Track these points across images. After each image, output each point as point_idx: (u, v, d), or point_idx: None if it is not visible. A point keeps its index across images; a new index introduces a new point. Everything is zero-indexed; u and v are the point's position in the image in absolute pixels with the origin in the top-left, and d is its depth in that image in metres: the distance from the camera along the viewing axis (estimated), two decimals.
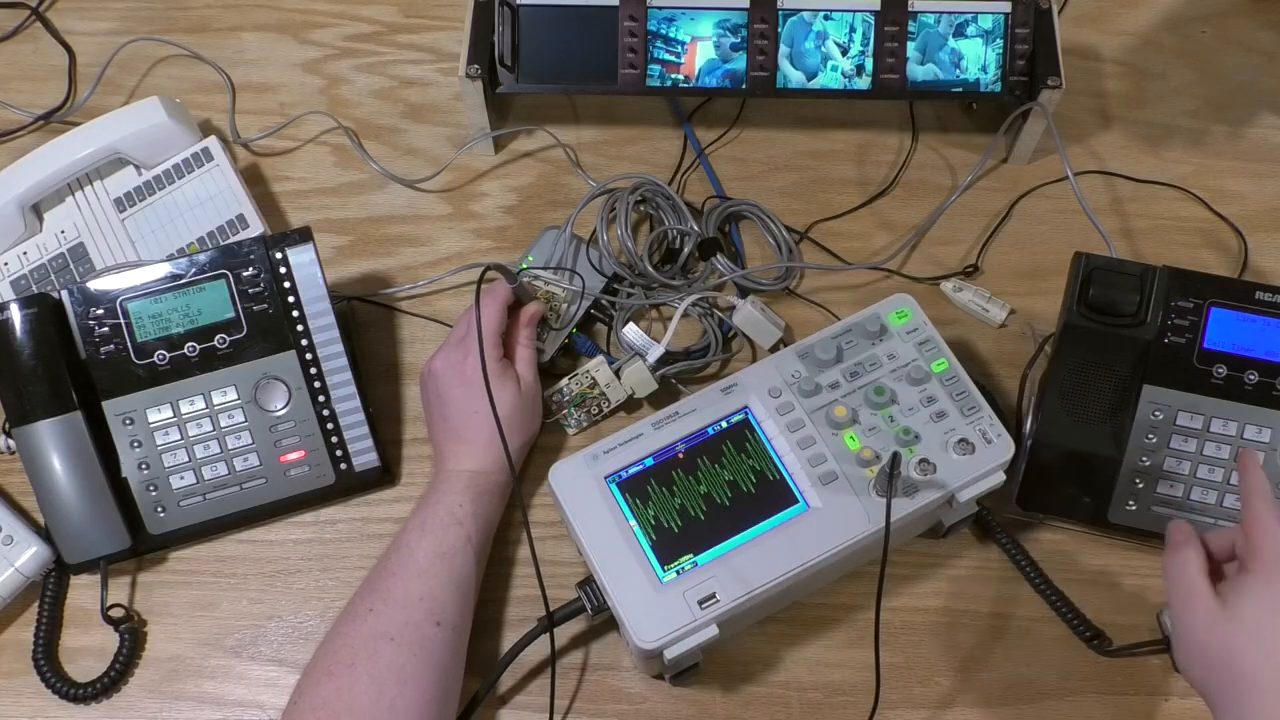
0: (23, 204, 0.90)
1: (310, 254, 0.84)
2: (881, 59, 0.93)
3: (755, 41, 0.92)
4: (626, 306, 0.92)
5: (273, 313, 0.83)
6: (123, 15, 1.08)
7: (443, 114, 1.03)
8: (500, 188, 0.99)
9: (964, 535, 0.85)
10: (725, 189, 0.99)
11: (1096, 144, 1.02)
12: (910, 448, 0.76)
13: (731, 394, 0.78)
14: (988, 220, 0.98)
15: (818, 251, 0.97)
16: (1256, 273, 0.96)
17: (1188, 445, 0.81)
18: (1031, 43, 0.93)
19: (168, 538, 0.83)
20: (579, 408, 0.88)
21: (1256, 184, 1.00)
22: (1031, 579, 0.81)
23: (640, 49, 0.92)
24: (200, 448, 0.82)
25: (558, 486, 0.75)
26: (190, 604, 0.84)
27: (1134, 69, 1.06)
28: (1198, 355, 0.82)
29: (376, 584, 0.76)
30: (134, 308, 0.82)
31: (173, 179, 0.93)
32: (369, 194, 0.99)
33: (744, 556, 0.73)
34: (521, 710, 0.80)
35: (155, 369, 0.82)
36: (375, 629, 0.73)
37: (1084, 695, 0.80)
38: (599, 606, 0.74)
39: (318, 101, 1.03)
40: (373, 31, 1.07)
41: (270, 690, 0.81)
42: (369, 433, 0.84)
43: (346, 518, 0.87)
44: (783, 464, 0.76)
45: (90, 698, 0.79)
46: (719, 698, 0.80)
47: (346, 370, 0.84)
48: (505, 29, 0.92)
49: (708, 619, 0.70)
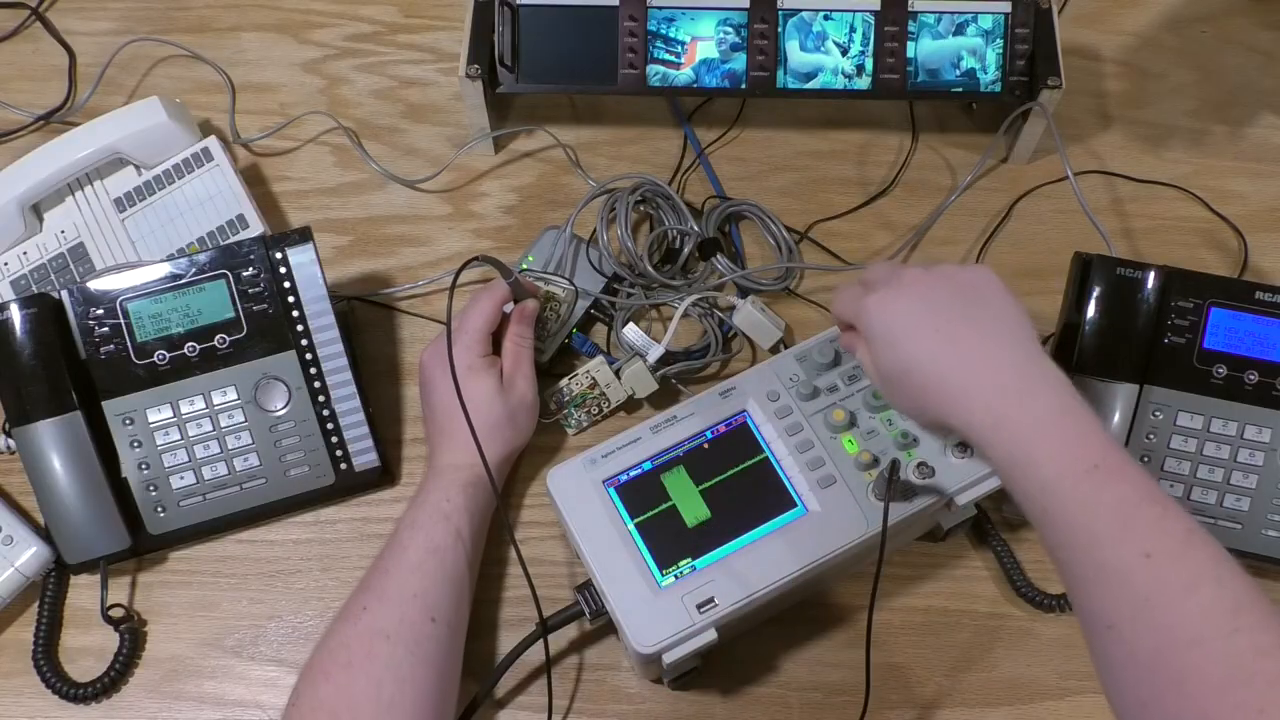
0: (23, 204, 0.90)
1: (310, 254, 0.84)
2: (881, 59, 0.93)
3: (755, 41, 0.92)
4: (626, 306, 0.92)
5: (273, 313, 0.83)
6: (123, 15, 1.08)
7: (443, 114, 1.03)
8: (500, 188, 0.99)
9: (964, 536, 0.85)
10: (725, 189, 0.99)
11: (1096, 144, 1.02)
12: (909, 451, 0.76)
13: (730, 397, 0.78)
14: (988, 220, 0.98)
15: (818, 251, 0.97)
16: (1256, 273, 0.96)
17: (1188, 445, 0.81)
18: (1031, 43, 0.93)
19: (168, 538, 0.83)
20: (579, 408, 0.88)
21: (1256, 184, 1.00)
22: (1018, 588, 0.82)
23: (640, 49, 0.92)
24: (200, 448, 0.82)
25: (555, 491, 0.75)
26: (190, 604, 0.84)
27: (1134, 69, 1.06)
28: (1198, 355, 0.82)
29: (370, 582, 0.76)
30: (134, 308, 0.82)
31: (173, 179, 0.93)
32: (369, 194, 0.99)
33: (743, 560, 0.73)
34: (521, 710, 0.80)
35: (155, 369, 0.82)
36: (371, 627, 0.73)
37: (1084, 695, 0.80)
38: (597, 611, 0.74)
39: (318, 101, 1.03)
40: (373, 31, 1.07)
41: (270, 690, 0.81)
42: (369, 433, 0.84)
43: (346, 518, 0.87)
44: (781, 467, 0.76)
45: (90, 698, 0.80)
46: (719, 697, 0.80)
47: (346, 370, 0.84)
48: (505, 29, 0.92)
49: (706, 623, 0.70)
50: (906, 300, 0.68)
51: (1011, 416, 0.63)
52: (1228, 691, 0.53)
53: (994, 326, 0.67)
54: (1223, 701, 0.52)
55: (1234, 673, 0.53)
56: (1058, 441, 0.62)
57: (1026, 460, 0.62)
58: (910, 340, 0.68)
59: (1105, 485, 0.60)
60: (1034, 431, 0.62)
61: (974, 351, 0.66)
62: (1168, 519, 0.58)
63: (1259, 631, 0.54)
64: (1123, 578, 0.57)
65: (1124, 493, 0.59)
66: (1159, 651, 0.55)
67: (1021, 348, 0.66)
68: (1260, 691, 0.52)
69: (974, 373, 0.65)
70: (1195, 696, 0.53)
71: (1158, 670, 0.55)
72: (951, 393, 0.66)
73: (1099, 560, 0.58)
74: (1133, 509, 0.58)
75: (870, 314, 0.69)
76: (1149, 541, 0.57)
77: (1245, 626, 0.54)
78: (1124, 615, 0.57)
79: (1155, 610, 0.56)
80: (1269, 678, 0.52)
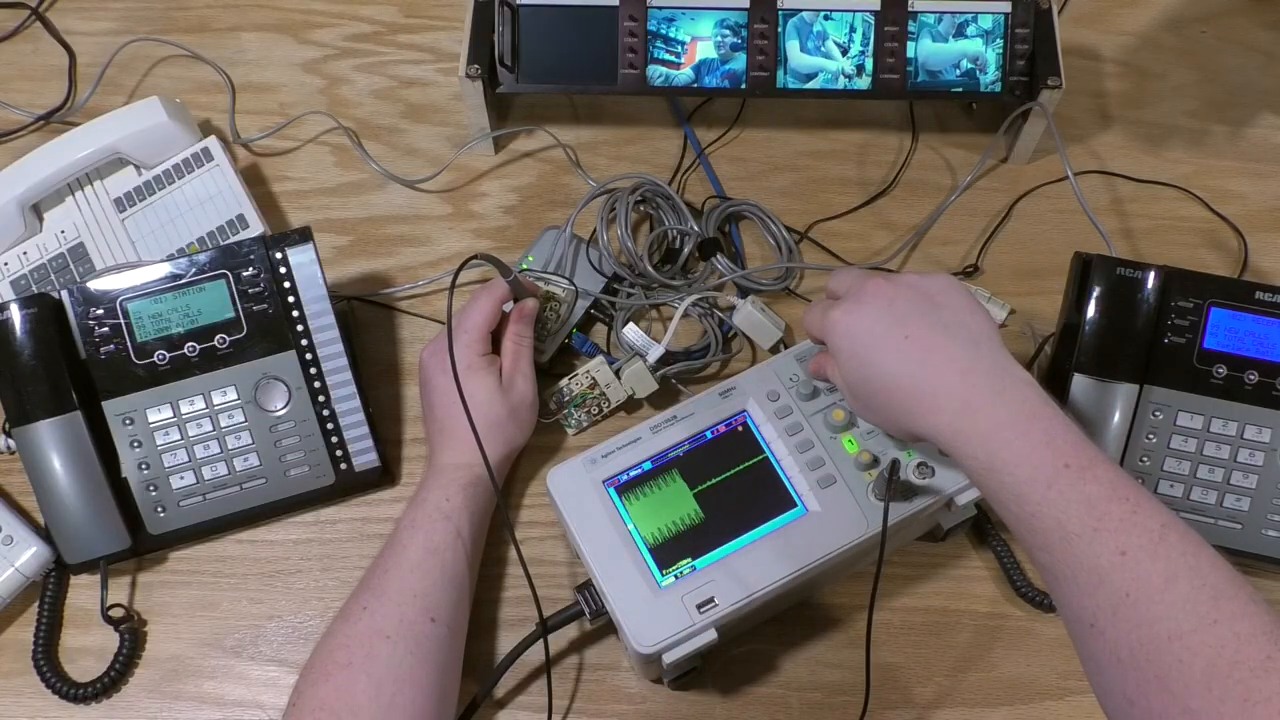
0: (23, 204, 0.90)
1: (310, 254, 0.84)
2: (881, 59, 0.93)
3: (755, 41, 0.92)
4: (626, 306, 0.92)
5: (273, 313, 0.83)
6: (123, 15, 1.08)
7: (443, 114, 1.03)
8: (500, 188, 0.99)
9: (964, 536, 0.85)
10: (725, 189, 0.99)
11: (1096, 144, 1.02)
12: (909, 451, 0.76)
13: (730, 397, 0.78)
14: (987, 220, 0.98)
15: (818, 251, 0.97)
16: (1256, 273, 0.96)
17: (1188, 445, 0.81)
18: (1031, 43, 0.93)
19: (168, 538, 0.83)
20: (579, 408, 0.88)
21: (1256, 184, 1.00)
22: (1018, 588, 0.82)
23: (640, 49, 0.92)
24: (200, 448, 0.82)
25: (555, 491, 0.75)
26: (190, 604, 0.84)
27: (1134, 69, 1.06)
28: (1198, 355, 0.82)
29: (370, 582, 0.76)
30: (134, 308, 0.82)
31: (173, 179, 0.93)
32: (369, 194, 0.99)
33: (742, 560, 0.73)
34: (521, 710, 0.80)
35: (155, 369, 0.82)
36: (371, 627, 0.73)
37: (1084, 695, 0.80)
38: (597, 611, 0.74)
39: (318, 101, 1.03)
40: (373, 31, 1.07)
41: (270, 690, 0.81)
42: (369, 433, 0.84)
43: (346, 518, 0.87)
44: (781, 467, 0.76)
45: (90, 698, 0.80)
46: (719, 697, 0.80)
47: (346, 370, 0.84)
48: (505, 29, 0.92)
49: (706, 623, 0.70)
50: (871, 311, 0.68)
51: (980, 421, 0.63)
52: (1212, 683, 0.53)
53: (959, 333, 0.67)
54: (1208, 694, 0.52)
55: (1216, 663, 0.53)
56: (1026, 444, 0.62)
57: (997, 464, 0.62)
58: (877, 351, 0.68)
59: (1076, 484, 0.60)
60: (1002, 435, 0.62)
61: (940, 358, 0.66)
62: (1140, 513, 0.58)
63: (1240, 619, 0.54)
64: (1100, 576, 0.57)
65: (1095, 491, 0.59)
66: (1140, 647, 0.55)
67: (988, 353, 0.66)
68: (1243, 680, 0.52)
69: (941, 379, 0.65)
70: (1179, 691, 0.53)
71: (1141, 666, 0.55)
72: (920, 401, 0.66)
73: (1075, 560, 0.58)
74: (1105, 506, 0.59)
75: (836, 328, 0.70)
76: (1123, 538, 0.57)
77: (1225, 616, 0.54)
78: (1104, 613, 0.57)
79: (1135, 606, 0.56)
80: (1251, 666, 0.52)
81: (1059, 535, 0.59)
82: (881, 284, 0.69)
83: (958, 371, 0.65)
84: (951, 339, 0.66)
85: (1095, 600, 0.58)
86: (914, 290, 0.69)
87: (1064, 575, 0.59)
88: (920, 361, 0.66)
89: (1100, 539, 0.58)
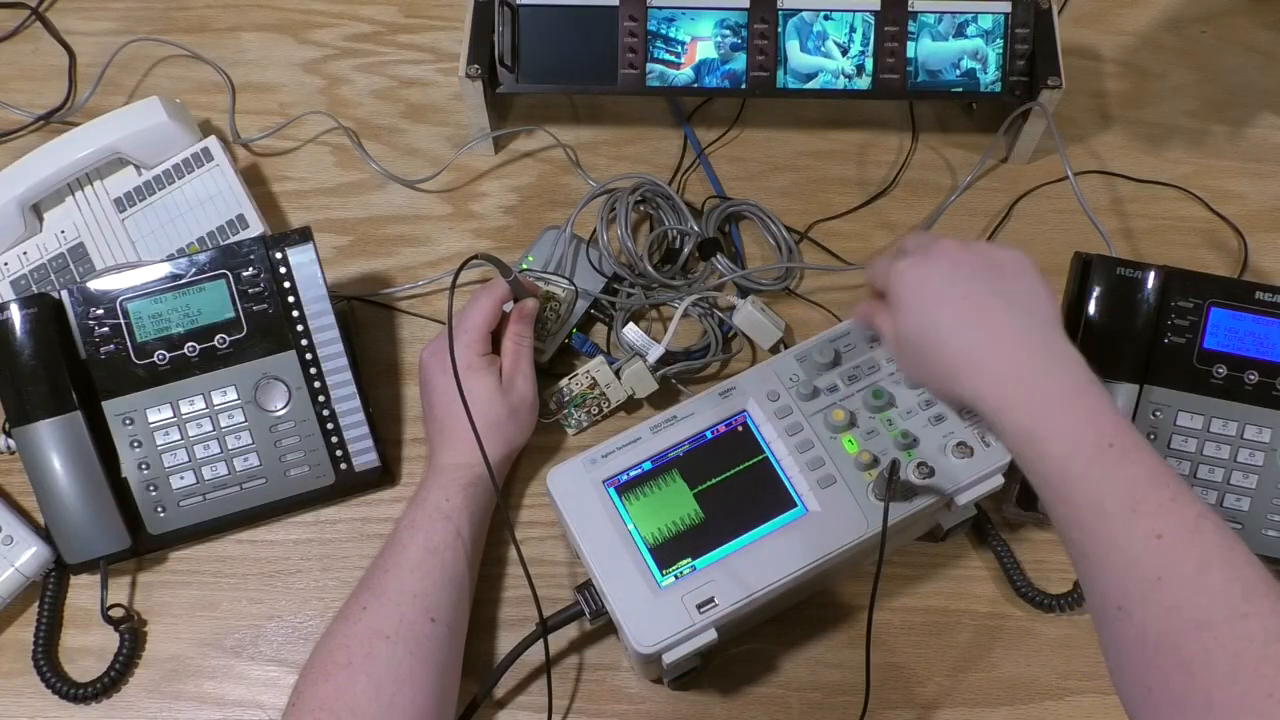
0: (23, 204, 0.90)
1: (310, 254, 0.84)
2: (881, 59, 0.93)
3: (755, 41, 0.92)
4: (626, 306, 0.92)
5: (273, 313, 0.83)
6: (123, 15, 1.08)
7: (443, 114, 1.03)
8: (500, 188, 0.99)
9: (964, 536, 0.85)
10: (725, 189, 0.99)
11: (1096, 144, 1.02)
12: (909, 451, 0.76)
13: (730, 397, 0.78)
14: (988, 220, 0.98)
15: (818, 251, 0.97)
16: (1256, 273, 0.96)
17: (1188, 445, 0.81)
18: (1031, 43, 0.93)
19: (168, 538, 0.83)
20: (579, 408, 0.88)
21: (1256, 184, 1.00)
22: (1018, 588, 0.82)
23: (640, 49, 0.92)
24: (200, 448, 0.82)
25: (555, 491, 0.75)
26: (190, 604, 0.84)
27: (1134, 69, 1.06)
28: (1198, 355, 0.82)
29: (370, 582, 0.76)
30: (134, 308, 0.82)
31: (173, 179, 0.93)
32: (369, 194, 0.99)
33: (742, 560, 0.73)
34: (521, 710, 0.80)
35: (155, 369, 0.82)
36: (370, 627, 0.73)
37: (1084, 695, 0.80)
38: (597, 611, 0.74)
39: (318, 101, 1.03)
40: (373, 31, 1.07)
41: (270, 690, 0.81)
42: (369, 433, 0.84)
43: (346, 518, 0.87)
44: (781, 467, 0.76)
45: (90, 698, 0.80)
46: (719, 697, 0.80)
47: (346, 370, 0.84)
48: (505, 29, 0.92)
49: (706, 623, 0.70)
50: (938, 267, 0.69)
51: (1027, 391, 0.64)
52: (1238, 675, 0.52)
53: (1019, 304, 0.67)
54: (1232, 685, 0.52)
55: (1244, 656, 0.53)
56: (1071, 419, 0.62)
57: (1039, 436, 0.62)
58: (935, 306, 0.68)
59: (1118, 465, 0.60)
60: (1048, 408, 0.63)
61: (995, 325, 0.66)
62: (1179, 501, 0.58)
63: (1270, 615, 0.54)
64: (1133, 558, 0.57)
65: (1136, 473, 0.59)
66: (1167, 633, 0.55)
67: (1043, 327, 0.66)
68: (1269, 676, 0.52)
69: (993, 345, 0.66)
70: (1202, 679, 0.53)
71: (1165, 652, 0.55)
72: (969, 362, 0.66)
73: (1109, 539, 0.58)
74: (1144, 489, 0.59)
75: (901, 276, 0.70)
76: (1160, 522, 0.57)
77: (1256, 611, 0.54)
78: (1133, 596, 0.57)
79: (1165, 591, 0.56)
80: (1278, 662, 0.52)
81: (1095, 513, 0.59)
82: (953, 245, 0.70)
83: (1010, 339, 0.66)
84: (1009, 307, 0.67)
85: (1125, 582, 0.57)
86: (982, 257, 0.70)
87: (1095, 555, 0.59)
88: (974, 324, 0.67)
89: (1137, 520, 0.58)
